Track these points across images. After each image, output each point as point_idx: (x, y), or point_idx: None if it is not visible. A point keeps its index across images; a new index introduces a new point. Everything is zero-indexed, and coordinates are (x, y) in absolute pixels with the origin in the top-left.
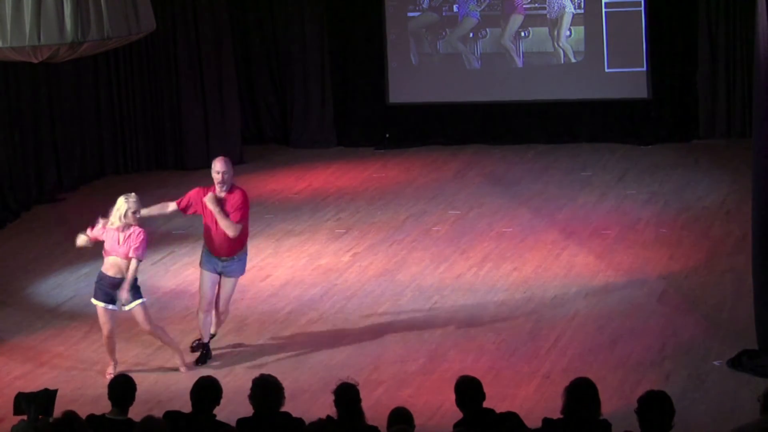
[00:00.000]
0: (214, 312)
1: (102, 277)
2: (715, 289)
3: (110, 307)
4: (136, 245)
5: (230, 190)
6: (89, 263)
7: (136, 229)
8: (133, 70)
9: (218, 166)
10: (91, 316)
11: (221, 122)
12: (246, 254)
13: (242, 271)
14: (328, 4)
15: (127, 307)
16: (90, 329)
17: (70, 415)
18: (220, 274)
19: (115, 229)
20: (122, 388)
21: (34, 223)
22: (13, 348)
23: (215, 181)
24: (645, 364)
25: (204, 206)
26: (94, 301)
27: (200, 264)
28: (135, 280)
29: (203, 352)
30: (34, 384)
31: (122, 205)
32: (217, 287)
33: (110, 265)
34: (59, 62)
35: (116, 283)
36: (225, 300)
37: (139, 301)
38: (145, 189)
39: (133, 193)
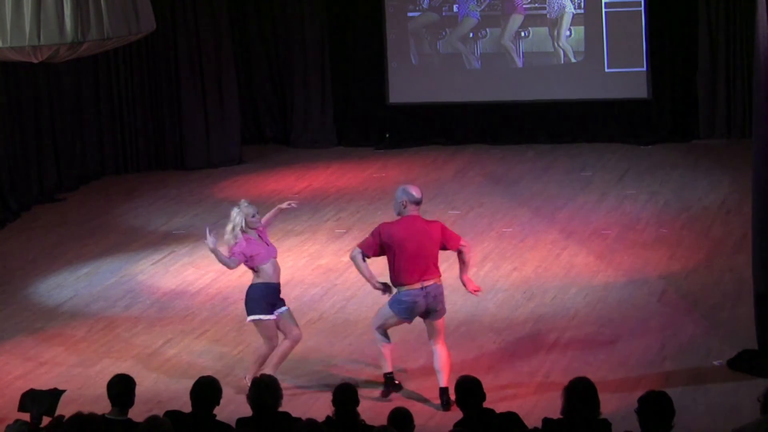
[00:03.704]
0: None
1: (270, 287)
2: (715, 289)
3: (273, 317)
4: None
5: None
6: (89, 263)
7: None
8: (133, 70)
9: (420, 194)
10: (91, 316)
11: (221, 122)
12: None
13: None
14: (328, 4)
15: (279, 311)
16: (90, 329)
17: (81, 418)
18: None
19: (249, 238)
20: (122, 388)
21: (34, 223)
22: (13, 348)
23: (414, 212)
24: (645, 364)
25: (404, 235)
26: (261, 317)
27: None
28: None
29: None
30: (34, 384)
31: (236, 216)
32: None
33: (276, 271)
34: (59, 62)
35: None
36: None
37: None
38: (145, 189)
39: (242, 201)
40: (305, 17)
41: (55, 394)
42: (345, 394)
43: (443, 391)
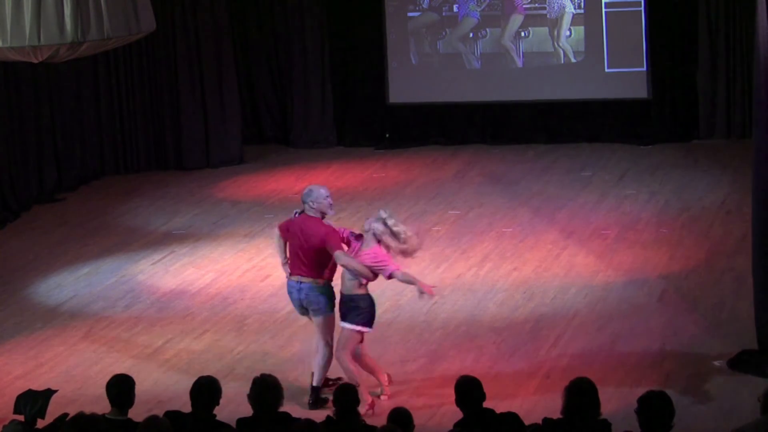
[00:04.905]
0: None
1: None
2: (715, 289)
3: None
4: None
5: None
6: (89, 263)
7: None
8: (133, 70)
9: (308, 195)
10: (91, 316)
11: (221, 122)
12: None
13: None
14: (328, 4)
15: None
16: (90, 329)
17: (82, 418)
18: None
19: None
20: (122, 388)
21: (34, 223)
22: (13, 348)
23: (330, 207)
24: (645, 364)
25: (291, 231)
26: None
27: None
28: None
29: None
30: (34, 384)
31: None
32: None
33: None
34: (59, 62)
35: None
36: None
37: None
38: (145, 189)
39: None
40: (305, 17)
41: (46, 395)
42: (345, 395)
43: (312, 390)
